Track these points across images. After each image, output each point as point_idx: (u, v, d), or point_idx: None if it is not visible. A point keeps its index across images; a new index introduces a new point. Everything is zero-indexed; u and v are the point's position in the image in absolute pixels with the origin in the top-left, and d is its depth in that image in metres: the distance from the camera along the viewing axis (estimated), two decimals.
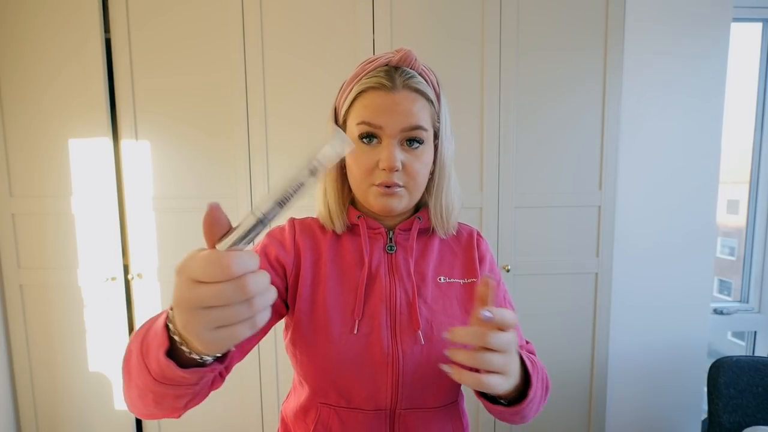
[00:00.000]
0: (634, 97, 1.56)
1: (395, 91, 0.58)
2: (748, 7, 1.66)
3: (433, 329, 0.61)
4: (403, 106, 0.58)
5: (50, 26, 1.43)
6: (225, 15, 1.44)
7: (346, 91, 0.62)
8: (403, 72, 0.59)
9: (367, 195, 0.61)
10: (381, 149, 0.59)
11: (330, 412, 0.61)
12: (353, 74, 0.62)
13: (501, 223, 1.52)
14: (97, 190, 1.48)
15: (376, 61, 0.60)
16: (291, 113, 1.48)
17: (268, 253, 0.63)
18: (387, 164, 0.58)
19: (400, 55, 0.59)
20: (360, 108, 0.59)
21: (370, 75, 0.59)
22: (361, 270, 0.63)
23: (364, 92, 0.59)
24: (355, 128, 0.60)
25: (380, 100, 0.58)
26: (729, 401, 1.27)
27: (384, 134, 0.58)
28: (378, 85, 0.58)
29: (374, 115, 0.58)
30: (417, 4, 1.45)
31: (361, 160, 0.60)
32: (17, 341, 1.55)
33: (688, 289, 1.64)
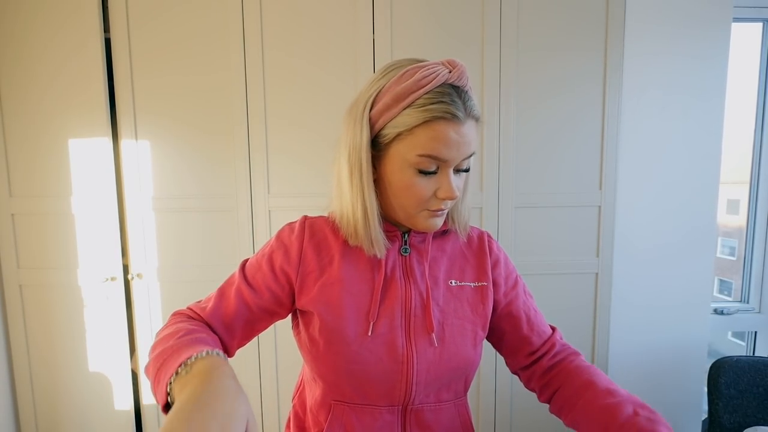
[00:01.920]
0: (634, 97, 1.56)
1: (464, 123, 0.54)
2: (748, 7, 1.66)
3: (445, 331, 0.62)
4: (469, 138, 0.55)
5: (50, 26, 1.43)
6: (225, 15, 1.44)
7: (396, 107, 0.55)
8: (464, 96, 0.55)
9: (416, 219, 0.60)
10: (439, 179, 0.57)
11: (344, 408, 0.63)
12: (404, 87, 0.54)
13: (501, 223, 1.52)
14: (97, 190, 1.48)
15: (434, 78, 0.53)
16: (291, 113, 1.48)
17: (273, 261, 0.64)
18: (449, 195, 0.57)
19: (458, 73, 0.54)
20: (425, 139, 0.54)
21: (433, 99, 0.53)
22: (376, 272, 0.63)
23: (431, 122, 0.53)
24: (413, 158, 0.55)
25: (450, 133, 0.53)
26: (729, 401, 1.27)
27: (445, 165, 0.56)
28: (450, 116, 0.53)
29: (444, 149, 0.54)
30: (417, 4, 1.45)
31: (419, 189, 0.57)
32: (17, 341, 1.55)
33: (688, 289, 1.64)
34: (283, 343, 1.53)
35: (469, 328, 0.64)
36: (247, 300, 0.63)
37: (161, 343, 0.53)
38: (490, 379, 1.57)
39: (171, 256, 1.52)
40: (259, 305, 0.63)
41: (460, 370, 0.63)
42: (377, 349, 0.60)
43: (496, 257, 0.70)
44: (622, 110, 1.53)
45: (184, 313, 0.63)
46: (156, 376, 0.49)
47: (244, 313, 0.62)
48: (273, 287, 0.63)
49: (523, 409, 1.60)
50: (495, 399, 1.58)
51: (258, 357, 1.54)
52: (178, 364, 0.46)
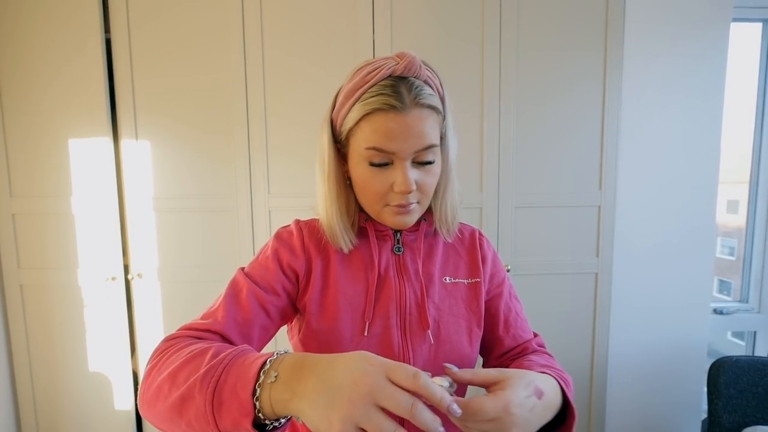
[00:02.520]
0: (634, 97, 1.56)
1: (405, 113, 0.53)
2: (748, 7, 1.66)
3: (441, 328, 0.62)
4: (416, 128, 0.54)
5: (50, 26, 1.43)
6: (225, 15, 1.44)
7: (346, 105, 0.57)
8: (410, 85, 0.54)
9: (381, 214, 0.61)
10: (394, 172, 0.56)
11: None
12: (353, 85, 0.57)
13: (501, 223, 1.52)
14: (97, 190, 1.48)
15: (378, 73, 0.55)
16: (291, 113, 1.48)
17: (280, 258, 0.63)
18: (403, 188, 0.56)
19: (404, 64, 0.54)
20: (368, 132, 0.55)
21: (375, 92, 0.54)
22: (369, 272, 0.63)
23: (370, 114, 0.54)
24: (363, 152, 0.56)
25: (391, 124, 0.54)
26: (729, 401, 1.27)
27: (396, 158, 0.56)
28: (386, 106, 0.53)
29: (386, 141, 0.54)
30: (417, 4, 1.45)
31: (374, 183, 0.58)
32: (17, 341, 1.55)
33: (688, 288, 1.64)
34: (282, 345, 1.53)
35: (464, 325, 0.64)
36: (263, 302, 0.59)
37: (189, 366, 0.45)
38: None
39: (171, 256, 1.52)
40: (276, 306, 0.60)
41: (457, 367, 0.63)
42: (373, 348, 0.60)
43: (485, 254, 0.70)
44: (621, 110, 1.53)
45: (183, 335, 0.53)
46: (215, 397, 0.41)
47: (260, 318, 0.59)
48: (287, 286, 0.62)
49: None
50: None
51: None
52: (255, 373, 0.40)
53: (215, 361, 0.44)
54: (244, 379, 0.41)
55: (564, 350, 1.57)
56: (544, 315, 1.54)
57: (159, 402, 0.45)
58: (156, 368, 0.48)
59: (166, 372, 0.46)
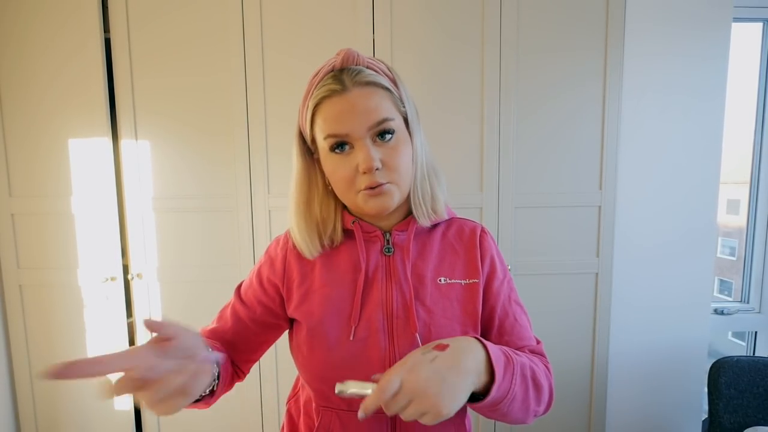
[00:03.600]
0: (634, 97, 1.56)
1: (347, 92, 0.56)
2: (749, 7, 1.66)
3: (432, 332, 0.60)
4: (361, 105, 0.55)
5: (50, 26, 1.43)
6: (225, 17, 1.43)
7: (303, 109, 0.61)
8: (349, 71, 0.57)
9: (357, 202, 0.59)
10: (356, 153, 0.57)
11: (332, 415, 0.62)
12: (305, 92, 0.61)
13: (501, 223, 1.52)
14: (97, 190, 1.48)
15: (321, 71, 0.59)
16: (291, 115, 1.47)
17: (261, 274, 0.67)
18: (365, 166, 0.55)
19: (341, 57, 0.58)
20: (321, 122, 0.58)
21: (319, 86, 0.58)
22: (357, 275, 0.62)
23: (318, 104, 0.57)
24: (324, 143, 0.58)
25: (336, 107, 0.56)
26: (729, 401, 1.27)
27: (353, 138, 0.56)
28: (329, 92, 0.56)
29: (336, 124, 0.56)
30: (417, 5, 1.45)
31: (340, 170, 0.58)
32: (17, 341, 1.55)
33: (688, 288, 1.64)
34: (282, 345, 1.53)
35: (458, 328, 0.62)
36: (241, 316, 0.66)
37: None
38: None
39: (171, 256, 1.52)
40: (253, 319, 0.66)
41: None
42: (359, 353, 0.59)
43: (485, 254, 0.67)
44: (622, 110, 1.53)
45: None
46: None
47: (240, 329, 0.66)
48: (263, 300, 0.66)
49: None
50: None
51: None
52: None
53: None
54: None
55: (564, 350, 1.57)
56: (544, 315, 1.54)
57: None
58: None
59: None
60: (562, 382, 1.57)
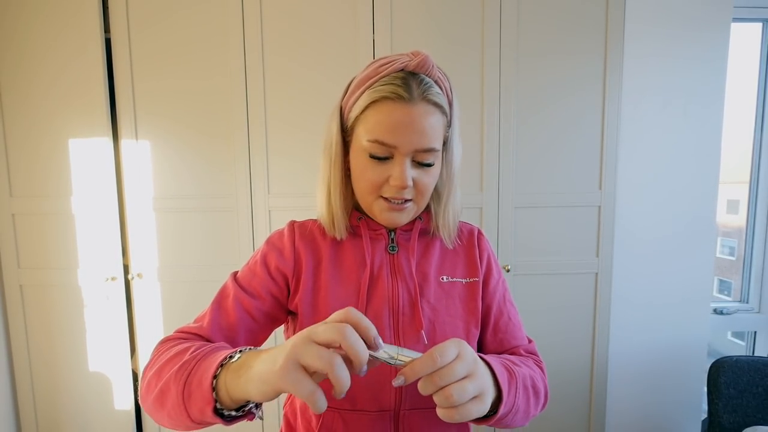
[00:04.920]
0: (634, 97, 1.56)
1: (412, 104, 0.54)
2: (748, 7, 1.66)
3: (436, 329, 0.61)
4: (419, 123, 0.55)
5: (51, 28, 1.43)
6: (225, 20, 1.44)
7: (356, 92, 0.58)
8: (420, 81, 0.55)
9: (373, 207, 0.60)
10: (392, 165, 0.56)
11: (334, 415, 0.61)
12: (365, 74, 0.58)
13: (501, 223, 1.52)
14: (97, 190, 1.48)
15: (392, 65, 0.56)
16: (291, 117, 1.48)
17: (268, 263, 0.63)
18: (399, 183, 0.56)
19: (417, 61, 0.55)
20: (373, 122, 0.55)
21: (385, 81, 0.55)
22: (361, 272, 0.62)
23: (378, 101, 0.55)
24: (366, 144, 0.56)
25: (396, 115, 0.54)
26: (729, 401, 1.27)
27: (397, 152, 0.56)
28: (394, 95, 0.54)
29: (389, 133, 0.55)
30: (417, 9, 1.45)
31: (370, 174, 0.57)
32: (17, 341, 1.55)
33: (688, 288, 1.64)
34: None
35: (461, 325, 0.63)
36: (248, 308, 0.60)
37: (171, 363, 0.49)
38: None
39: (171, 256, 1.52)
40: (262, 310, 0.61)
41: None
42: None
43: (482, 254, 0.69)
44: (622, 111, 1.53)
45: (175, 337, 0.57)
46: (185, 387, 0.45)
47: (246, 322, 0.60)
48: (273, 290, 0.62)
49: None
50: None
51: None
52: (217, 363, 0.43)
53: (190, 356, 0.47)
54: (210, 369, 0.44)
55: (564, 350, 1.57)
56: (544, 314, 1.54)
57: (149, 396, 0.49)
58: (149, 367, 0.52)
59: (154, 369, 0.50)
60: (562, 381, 1.57)
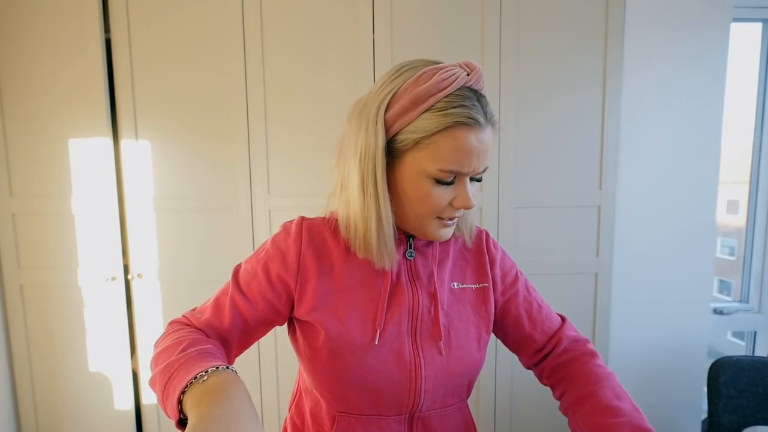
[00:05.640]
0: (634, 97, 1.56)
1: (484, 130, 0.52)
2: (748, 8, 1.66)
3: (450, 335, 0.61)
4: (486, 147, 0.53)
5: (51, 28, 1.43)
6: (226, 20, 1.44)
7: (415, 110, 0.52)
8: (485, 102, 0.53)
9: (428, 227, 0.58)
10: (456, 188, 0.55)
11: (350, 420, 0.61)
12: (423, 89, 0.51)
13: (501, 223, 1.52)
14: (97, 190, 1.48)
15: (454, 81, 0.51)
16: (291, 117, 1.48)
17: (269, 270, 0.60)
18: (465, 205, 0.55)
19: (476, 76, 0.53)
20: (448, 150, 0.51)
21: (456, 103, 0.51)
22: (380, 278, 0.60)
23: (452, 128, 0.51)
24: (435, 171, 0.53)
25: (473, 142, 0.52)
26: (729, 401, 1.27)
27: (463, 175, 0.54)
28: (472, 121, 0.51)
29: (465, 161, 0.52)
30: (417, 9, 1.45)
31: (435, 198, 0.55)
32: (17, 341, 1.55)
33: (688, 288, 1.64)
34: (283, 345, 1.53)
35: (473, 331, 0.63)
36: (242, 311, 0.59)
37: (164, 354, 0.51)
38: (490, 379, 1.57)
39: (171, 256, 1.52)
40: (255, 316, 0.60)
41: (465, 373, 0.63)
42: (384, 357, 0.58)
43: (493, 256, 0.68)
44: (621, 111, 1.53)
45: (180, 321, 0.60)
46: (164, 390, 0.47)
47: (239, 325, 0.59)
48: (269, 297, 0.60)
49: (522, 409, 1.60)
50: (495, 399, 1.58)
51: (258, 359, 1.54)
52: (189, 378, 0.44)
53: (177, 357, 0.49)
54: (183, 381, 0.45)
55: None
56: None
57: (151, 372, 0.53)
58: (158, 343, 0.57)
59: (157, 350, 0.54)
60: None
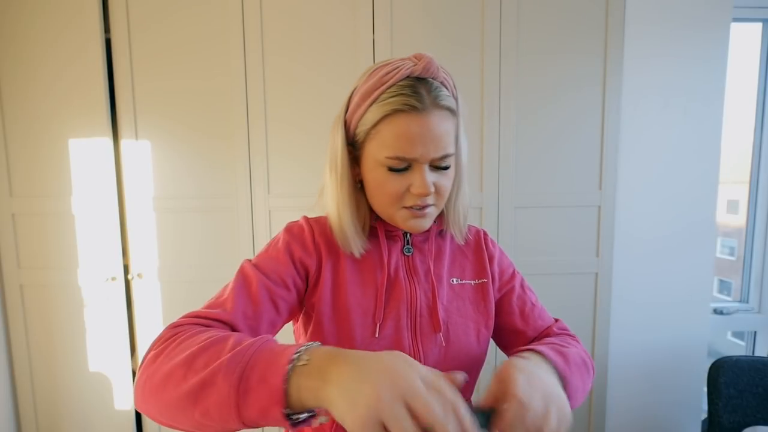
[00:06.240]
0: (634, 97, 1.56)
1: (426, 114, 0.53)
2: (748, 8, 1.66)
3: (450, 330, 0.63)
4: (436, 131, 0.54)
5: (51, 28, 1.43)
6: (225, 21, 1.44)
7: (362, 106, 0.56)
8: (429, 86, 0.54)
9: (395, 217, 0.60)
10: (411, 174, 0.56)
11: None
12: (370, 85, 0.55)
13: (501, 223, 1.52)
14: (97, 190, 1.48)
15: (397, 73, 0.54)
16: (291, 117, 1.48)
17: (292, 252, 0.60)
18: (421, 191, 0.55)
19: (422, 65, 0.54)
20: (389, 137, 0.54)
21: (395, 92, 0.53)
22: (379, 273, 0.62)
23: (390, 115, 0.54)
24: (383, 159, 0.55)
25: (413, 127, 0.53)
26: (729, 401, 1.27)
27: (416, 162, 0.55)
28: (407, 107, 0.53)
29: (408, 146, 0.54)
30: (417, 10, 1.45)
31: (390, 186, 0.57)
32: (17, 341, 1.55)
33: (688, 288, 1.64)
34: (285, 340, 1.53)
35: (472, 326, 0.64)
36: (273, 296, 0.56)
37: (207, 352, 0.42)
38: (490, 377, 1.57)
39: (171, 256, 1.52)
40: (286, 301, 0.58)
41: (466, 369, 0.63)
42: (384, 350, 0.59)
43: (492, 253, 0.71)
44: (622, 111, 1.53)
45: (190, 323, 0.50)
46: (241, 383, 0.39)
47: (269, 313, 0.56)
48: (297, 281, 0.59)
49: None
50: None
51: None
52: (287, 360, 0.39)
53: (241, 348, 0.41)
54: (276, 365, 0.39)
55: None
56: None
57: (169, 389, 0.42)
58: (163, 354, 0.44)
59: (179, 358, 0.43)
60: None
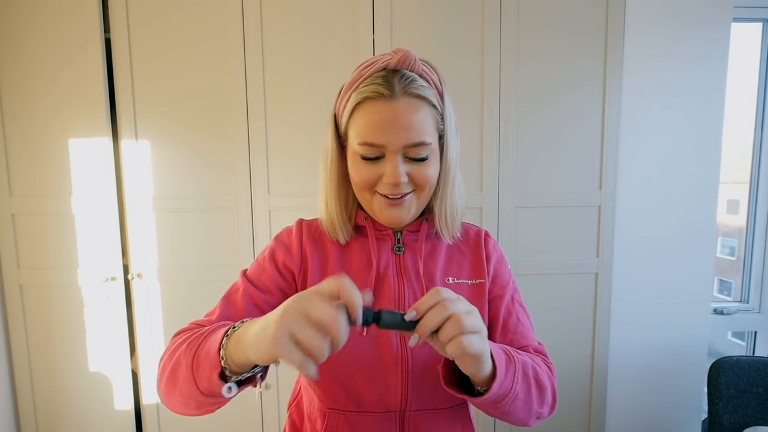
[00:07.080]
0: (634, 97, 1.56)
1: (395, 100, 0.54)
2: (748, 7, 1.66)
3: None
4: (405, 119, 0.54)
5: (51, 28, 1.43)
6: (225, 21, 1.44)
7: (344, 98, 0.59)
8: (402, 76, 0.55)
9: (372, 205, 0.60)
10: (384, 163, 0.56)
11: (339, 417, 0.61)
12: (351, 79, 0.59)
13: (501, 223, 1.52)
14: (97, 190, 1.48)
15: (374, 65, 0.57)
16: (291, 117, 1.48)
17: (276, 258, 0.64)
18: (391, 180, 0.56)
19: (398, 57, 0.56)
20: (360, 124, 0.56)
21: (368, 82, 0.56)
22: (367, 271, 0.62)
23: (361, 103, 0.56)
24: (356, 147, 0.57)
25: (380, 114, 0.54)
26: (729, 401, 1.27)
27: (387, 151, 0.56)
28: (375, 94, 0.54)
29: (375, 133, 0.55)
30: (417, 10, 1.45)
31: (363, 173, 0.58)
32: (17, 341, 1.55)
33: (688, 288, 1.64)
34: None
35: None
36: (257, 301, 0.61)
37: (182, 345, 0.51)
38: None
39: (171, 256, 1.52)
40: (271, 304, 0.60)
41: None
42: (372, 350, 0.59)
43: (490, 254, 0.68)
44: (622, 111, 1.53)
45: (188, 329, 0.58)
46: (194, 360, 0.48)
47: (253, 314, 0.60)
48: (281, 284, 0.62)
49: None
50: None
51: None
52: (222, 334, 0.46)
53: (198, 334, 0.51)
54: (215, 339, 0.46)
55: (564, 350, 1.57)
56: (544, 314, 1.54)
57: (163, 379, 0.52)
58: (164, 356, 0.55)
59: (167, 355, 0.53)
60: (562, 381, 1.56)
